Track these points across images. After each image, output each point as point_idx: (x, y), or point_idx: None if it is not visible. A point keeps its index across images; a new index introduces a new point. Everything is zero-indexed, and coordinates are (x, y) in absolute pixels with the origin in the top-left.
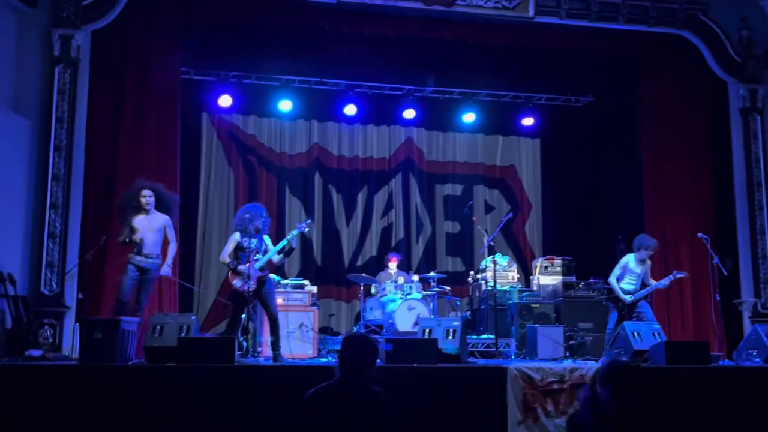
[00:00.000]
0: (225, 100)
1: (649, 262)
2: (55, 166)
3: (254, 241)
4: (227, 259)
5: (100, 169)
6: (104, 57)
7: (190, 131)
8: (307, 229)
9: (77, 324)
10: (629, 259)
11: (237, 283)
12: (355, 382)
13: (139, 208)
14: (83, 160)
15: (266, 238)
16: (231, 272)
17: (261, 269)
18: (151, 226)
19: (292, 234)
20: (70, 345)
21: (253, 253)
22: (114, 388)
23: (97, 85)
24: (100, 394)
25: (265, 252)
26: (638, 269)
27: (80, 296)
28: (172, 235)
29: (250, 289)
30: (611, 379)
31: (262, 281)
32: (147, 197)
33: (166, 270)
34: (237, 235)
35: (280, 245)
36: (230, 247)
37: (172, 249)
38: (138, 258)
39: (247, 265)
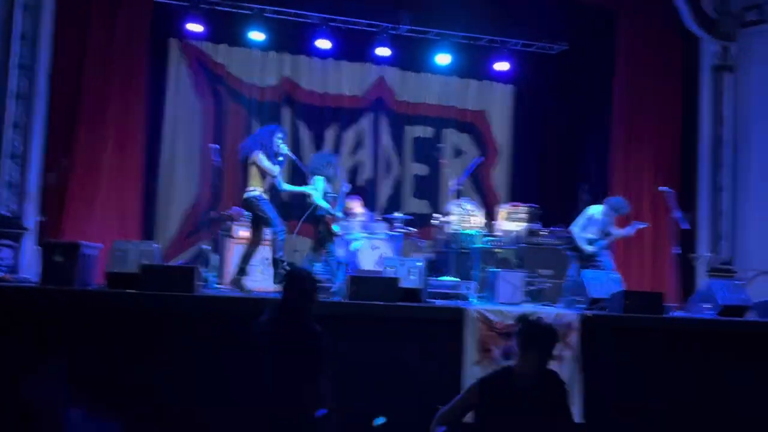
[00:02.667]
0: (195, 26)
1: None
2: (17, 83)
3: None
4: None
5: (65, 89)
6: None
7: (158, 56)
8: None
9: (37, 246)
10: (595, 211)
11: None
12: (291, 317)
13: None
14: (47, 79)
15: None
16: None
17: None
18: None
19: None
20: (29, 267)
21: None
22: (74, 312)
23: (62, 1)
24: (60, 317)
25: None
26: (602, 221)
27: (41, 218)
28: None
29: None
30: (521, 334)
31: None
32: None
33: None
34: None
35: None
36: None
37: None
38: None
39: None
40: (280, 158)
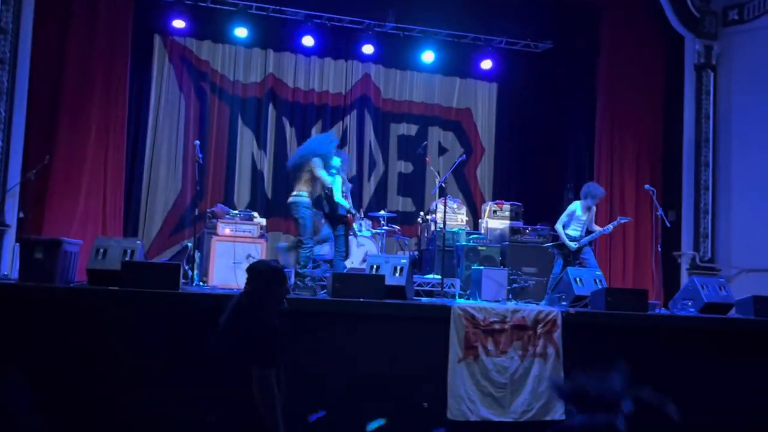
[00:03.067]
0: (179, 23)
1: (594, 209)
2: (0, 80)
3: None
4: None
5: (46, 85)
6: None
7: (142, 52)
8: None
9: (17, 243)
10: (576, 207)
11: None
12: (248, 312)
13: None
14: (28, 74)
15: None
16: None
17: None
18: None
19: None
20: (10, 264)
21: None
22: (54, 309)
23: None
24: (40, 315)
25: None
26: (584, 216)
27: (22, 215)
28: None
29: None
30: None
31: None
32: None
33: None
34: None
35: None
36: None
37: None
38: None
39: None
40: (333, 170)
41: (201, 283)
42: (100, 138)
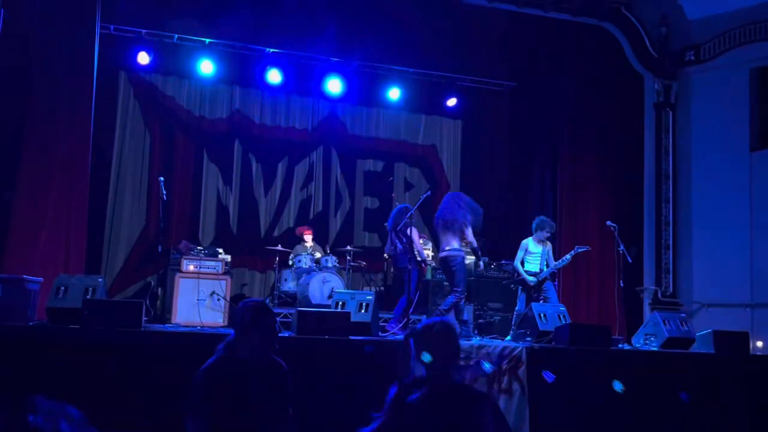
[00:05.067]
0: (143, 58)
1: (549, 244)
2: None
3: None
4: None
5: (8, 120)
6: (12, 4)
7: (106, 89)
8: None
9: None
10: (528, 242)
11: None
12: (253, 354)
13: None
14: None
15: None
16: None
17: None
18: None
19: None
20: None
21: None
22: (14, 348)
23: (7, 28)
24: None
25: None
26: (538, 250)
27: None
28: None
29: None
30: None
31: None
32: None
33: None
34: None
35: None
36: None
37: None
38: None
39: None
40: None
41: (164, 321)
42: (64, 173)
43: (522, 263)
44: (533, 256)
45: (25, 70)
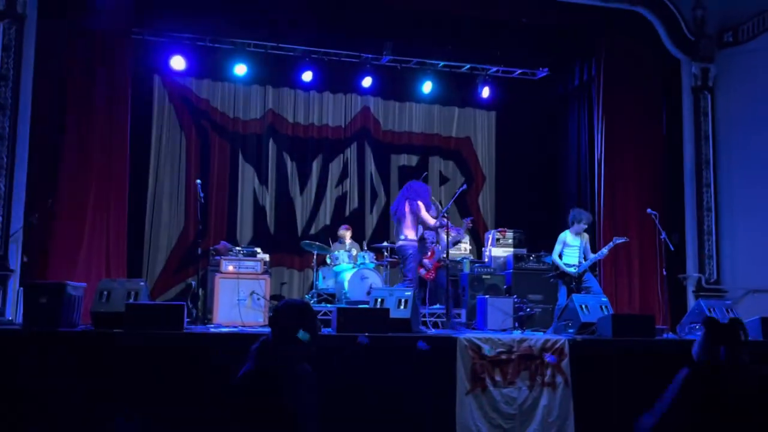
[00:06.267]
0: (178, 62)
1: (586, 236)
2: (2, 125)
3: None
4: None
5: (47, 129)
6: (52, 13)
7: (142, 94)
8: (470, 225)
9: (21, 288)
10: (566, 235)
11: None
12: (274, 359)
13: None
14: (29, 119)
15: None
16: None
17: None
18: None
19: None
20: (14, 309)
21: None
22: (59, 354)
23: (44, 42)
24: (45, 360)
25: None
26: (576, 242)
27: (25, 260)
28: None
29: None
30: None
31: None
32: None
33: None
34: None
35: None
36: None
37: None
38: None
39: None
40: None
41: (206, 322)
42: (102, 179)
43: (560, 256)
44: (571, 248)
45: (62, 80)
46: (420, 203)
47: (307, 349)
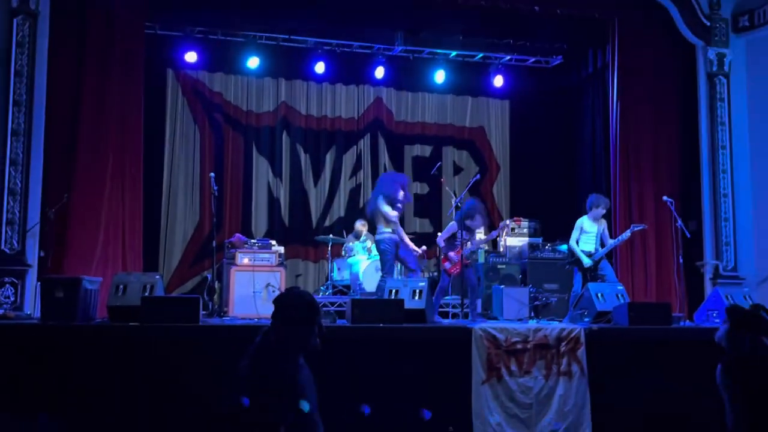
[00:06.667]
0: (190, 56)
1: (604, 222)
2: (14, 120)
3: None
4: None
5: (61, 125)
6: (64, 10)
7: (155, 88)
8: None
9: (39, 282)
10: (583, 221)
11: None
12: (271, 351)
13: None
14: (44, 115)
15: None
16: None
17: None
18: None
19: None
20: (32, 304)
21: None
22: (76, 348)
23: (57, 38)
24: (62, 354)
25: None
26: (593, 229)
27: (42, 254)
28: None
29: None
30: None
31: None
32: None
33: None
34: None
35: None
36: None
37: None
38: None
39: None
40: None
41: (222, 314)
42: (117, 174)
43: (577, 243)
44: (588, 235)
45: (76, 76)
46: (381, 196)
47: (307, 342)
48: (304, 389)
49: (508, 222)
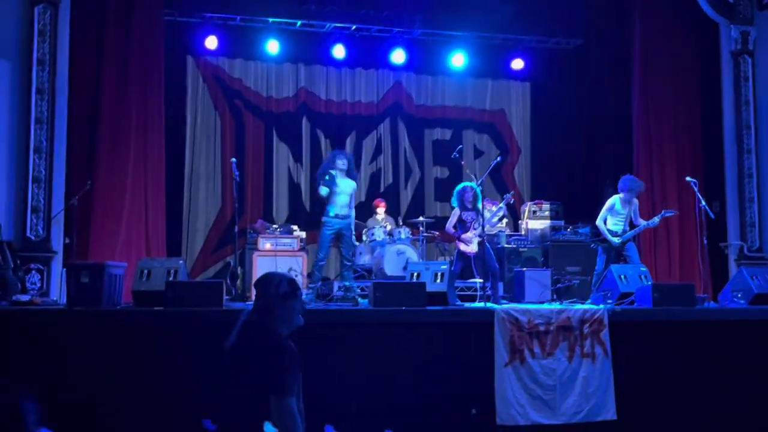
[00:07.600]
0: (210, 42)
1: (636, 202)
2: (37, 109)
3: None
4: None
5: (84, 112)
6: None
7: (175, 75)
8: (511, 201)
9: (64, 269)
10: (615, 201)
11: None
12: (252, 332)
13: None
14: (66, 103)
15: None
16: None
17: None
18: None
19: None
20: (58, 290)
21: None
22: (102, 332)
23: (78, 26)
24: (88, 339)
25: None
26: (624, 210)
27: (67, 241)
28: None
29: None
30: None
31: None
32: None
33: None
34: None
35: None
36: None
37: None
38: None
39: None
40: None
41: (245, 298)
42: (140, 160)
43: (604, 222)
44: (619, 216)
45: (97, 63)
46: None
47: (291, 318)
48: (289, 369)
49: (529, 204)
